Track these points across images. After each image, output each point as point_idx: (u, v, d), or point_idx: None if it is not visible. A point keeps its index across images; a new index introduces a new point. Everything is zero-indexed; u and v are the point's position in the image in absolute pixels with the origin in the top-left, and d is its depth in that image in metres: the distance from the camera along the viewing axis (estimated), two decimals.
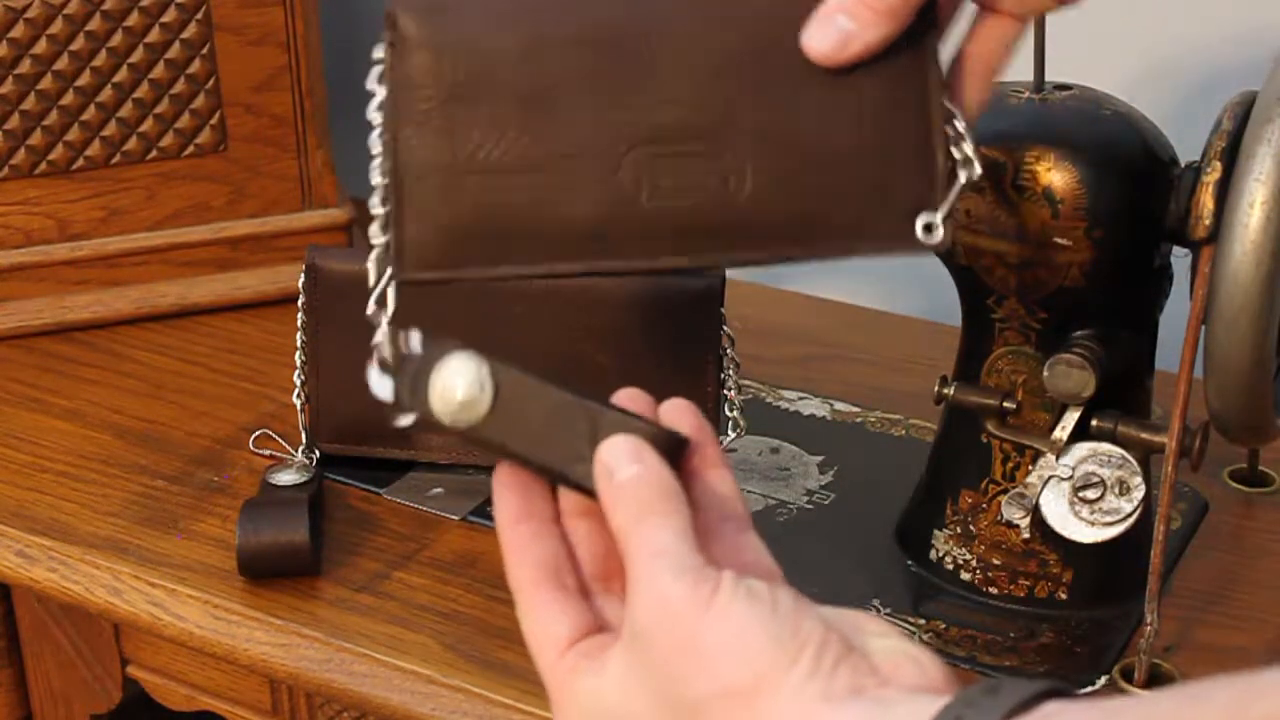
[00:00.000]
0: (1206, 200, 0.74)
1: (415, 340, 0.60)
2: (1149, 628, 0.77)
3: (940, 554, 0.86)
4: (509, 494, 0.63)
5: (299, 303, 0.94)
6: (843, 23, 0.64)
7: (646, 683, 0.58)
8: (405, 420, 0.60)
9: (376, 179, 0.65)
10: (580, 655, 0.61)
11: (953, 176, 0.65)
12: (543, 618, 0.62)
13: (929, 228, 0.65)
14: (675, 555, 0.58)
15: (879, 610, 0.84)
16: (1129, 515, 0.79)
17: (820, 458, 0.97)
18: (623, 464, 0.60)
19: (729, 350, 0.91)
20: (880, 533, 0.90)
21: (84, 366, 1.08)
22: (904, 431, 1.00)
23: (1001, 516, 0.82)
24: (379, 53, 0.66)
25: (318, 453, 0.95)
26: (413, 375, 0.60)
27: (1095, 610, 0.83)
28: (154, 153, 1.11)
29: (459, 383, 0.60)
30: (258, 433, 0.98)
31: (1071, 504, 0.79)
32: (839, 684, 0.55)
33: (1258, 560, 0.89)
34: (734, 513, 0.62)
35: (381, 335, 0.61)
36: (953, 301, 0.84)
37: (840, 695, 0.55)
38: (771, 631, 0.56)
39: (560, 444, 0.60)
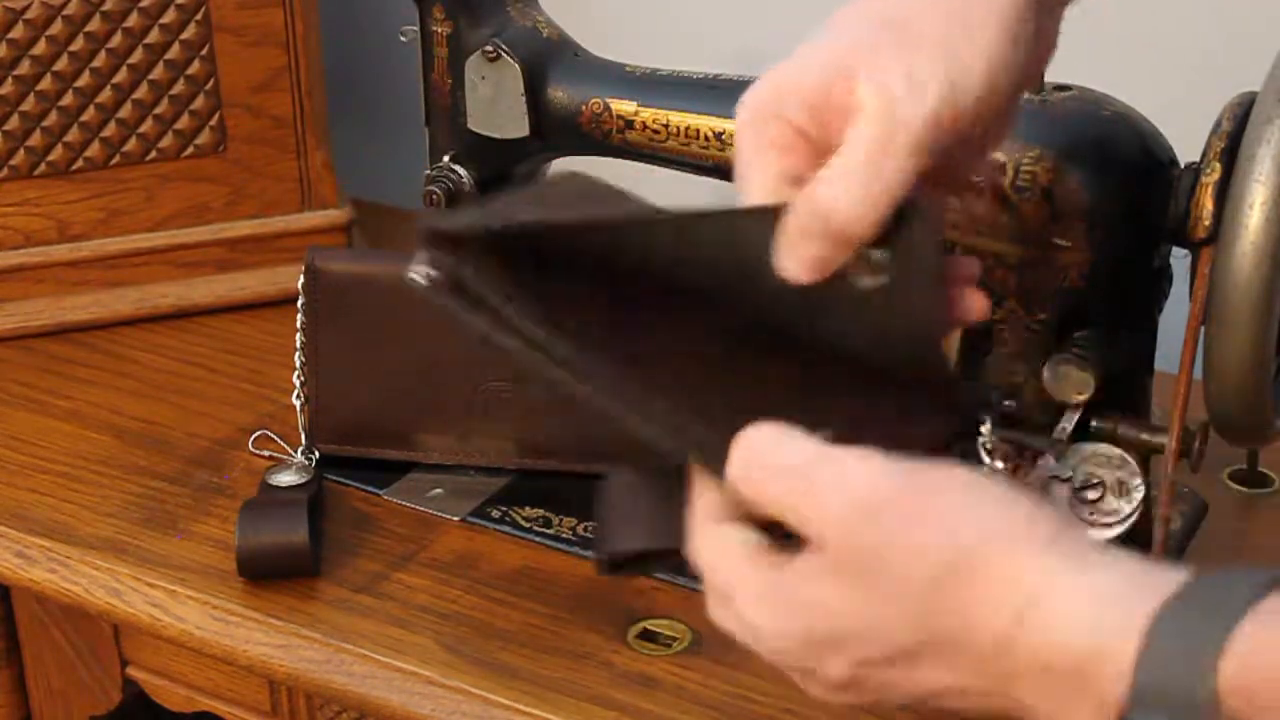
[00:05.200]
0: (1206, 201, 0.74)
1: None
2: None
3: None
4: None
5: (299, 303, 0.94)
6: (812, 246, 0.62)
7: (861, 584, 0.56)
8: None
9: None
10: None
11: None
12: None
13: None
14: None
15: None
16: (1128, 516, 0.79)
17: None
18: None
19: None
20: None
21: (83, 367, 1.08)
22: None
23: None
24: None
25: (317, 453, 0.95)
26: None
27: None
28: (153, 154, 1.11)
29: None
30: (257, 433, 0.98)
31: (1071, 505, 0.79)
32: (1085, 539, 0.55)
33: (1258, 561, 0.89)
34: None
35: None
36: None
37: (1096, 550, 0.55)
38: (999, 493, 0.56)
39: None
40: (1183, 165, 0.78)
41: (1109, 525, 0.79)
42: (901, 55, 0.62)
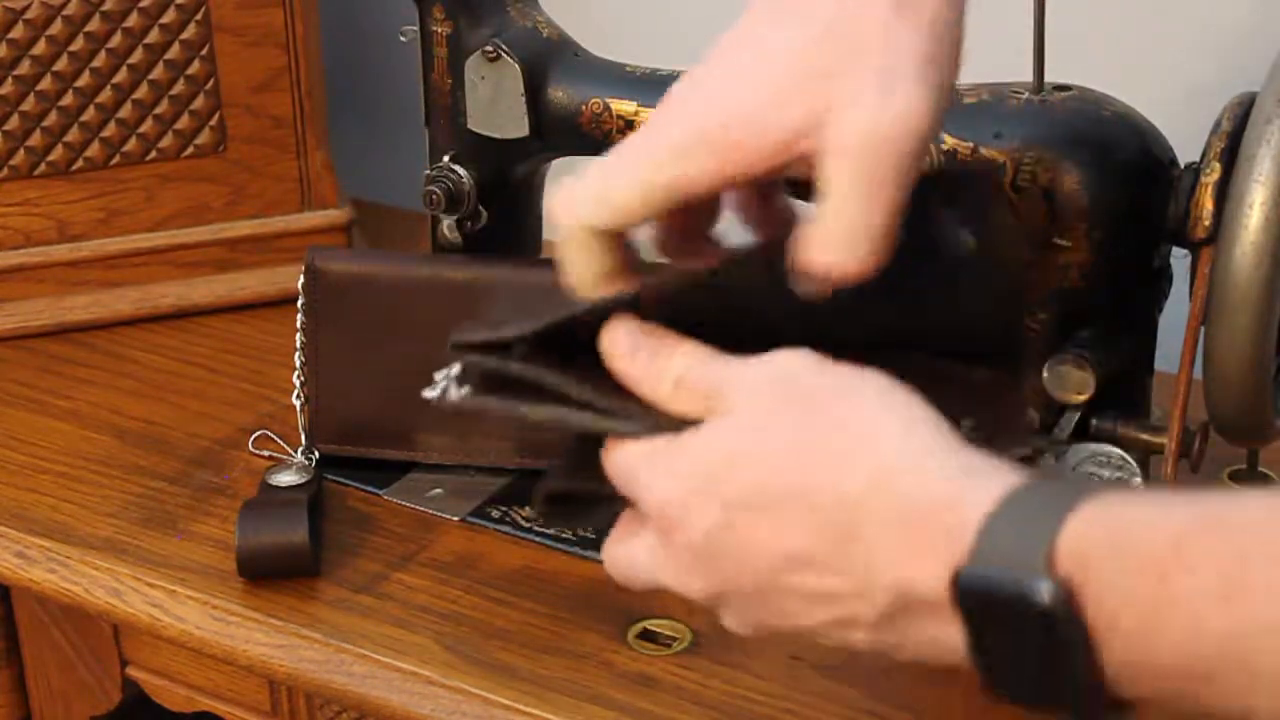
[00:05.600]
0: (1206, 201, 0.74)
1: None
2: None
3: None
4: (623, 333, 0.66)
5: (299, 303, 0.94)
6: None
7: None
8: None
9: None
10: None
11: None
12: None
13: None
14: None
15: None
16: None
17: None
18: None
19: None
20: None
21: (83, 367, 1.08)
22: None
23: None
24: None
25: (317, 453, 0.95)
26: None
27: None
28: (153, 154, 1.11)
29: None
30: (257, 433, 0.98)
31: None
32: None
33: None
34: None
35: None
36: None
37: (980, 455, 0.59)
38: (914, 408, 0.60)
39: None
40: (1183, 165, 0.78)
41: None
42: (863, 67, 0.61)
